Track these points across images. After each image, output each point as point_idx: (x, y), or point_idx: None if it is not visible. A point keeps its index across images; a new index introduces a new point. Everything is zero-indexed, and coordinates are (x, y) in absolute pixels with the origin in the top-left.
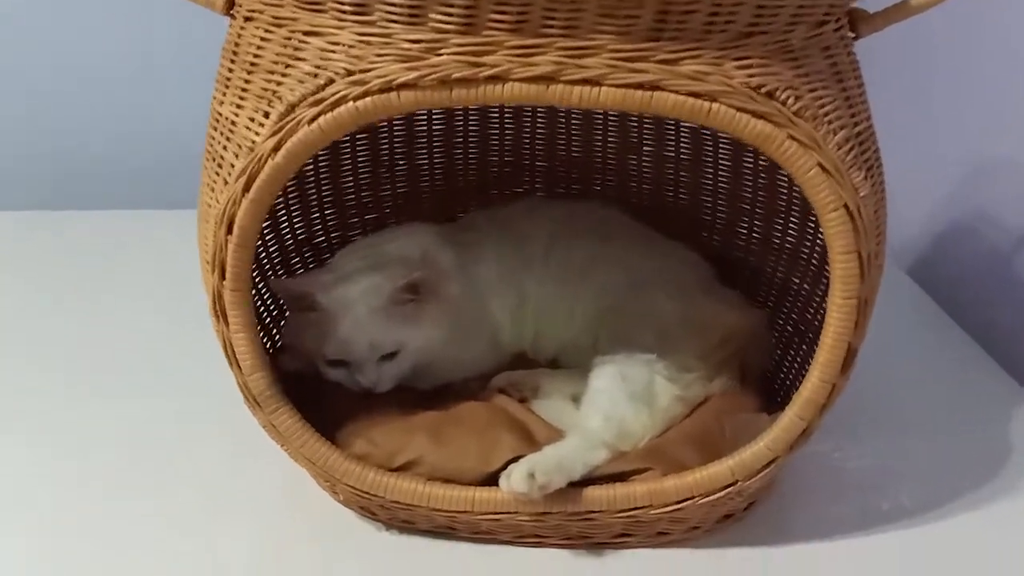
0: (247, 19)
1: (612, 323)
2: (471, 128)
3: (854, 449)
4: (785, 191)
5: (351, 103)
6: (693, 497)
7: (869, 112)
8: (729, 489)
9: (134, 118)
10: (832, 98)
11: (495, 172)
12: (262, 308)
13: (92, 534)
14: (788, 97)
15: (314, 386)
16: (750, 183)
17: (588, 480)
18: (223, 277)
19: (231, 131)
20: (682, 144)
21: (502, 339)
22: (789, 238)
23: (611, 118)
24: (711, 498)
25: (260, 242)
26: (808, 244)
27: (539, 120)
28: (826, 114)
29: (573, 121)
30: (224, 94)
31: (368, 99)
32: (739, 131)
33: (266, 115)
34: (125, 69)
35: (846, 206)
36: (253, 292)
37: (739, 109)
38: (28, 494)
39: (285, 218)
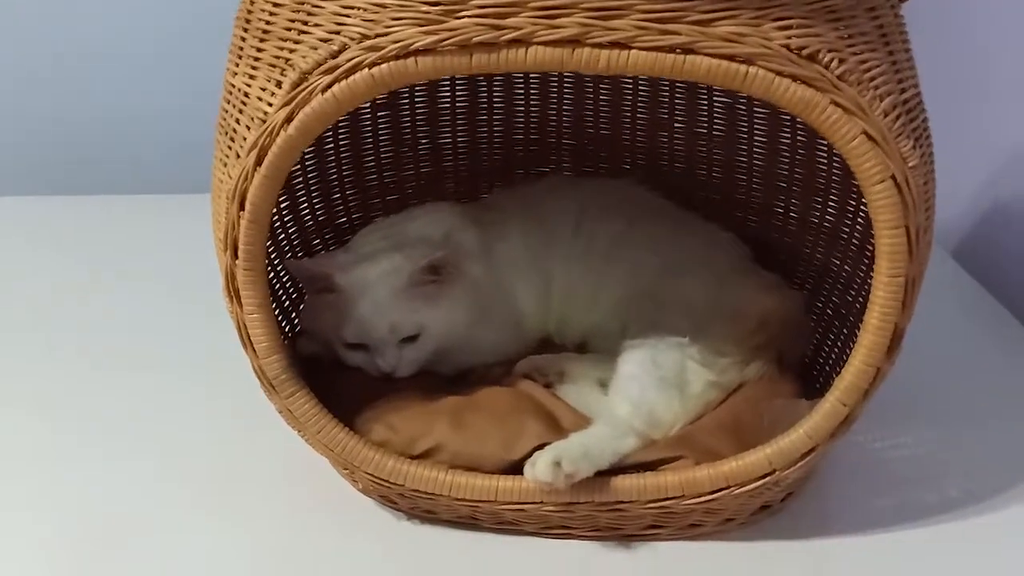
0: None
1: (641, 307)
2: (496, 104)
3: (897, 439)
4: (824, 167)
5: (366, 70)
6: (728, 487)
7: (917, 79)
8: (766, 479)
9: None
10: (878, 62)
11: (520, 151)
12: (280, 291)
13: (113, 518)
14: (831, 60)
15: (333, 371)
16: (787, 160)
17: (617, 469)
18: (236, 256)
19: (243, 103)
20: (715, 120)
21: (526, 323)
22: (828, 217)
23: (641, 91)
24: (747, 488)
25: (279, 222)
26: (848, 223)
27: (566, 95)
28: (872, 79)
29: (601, 96)
30: (237, 64)
31: (384, 66)
32: (778, 97)
33: (279, 84)
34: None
35: (893, 177)
36: (271, 274)
37: (778, 73)
38: (56, 480)
39: (304, 198)
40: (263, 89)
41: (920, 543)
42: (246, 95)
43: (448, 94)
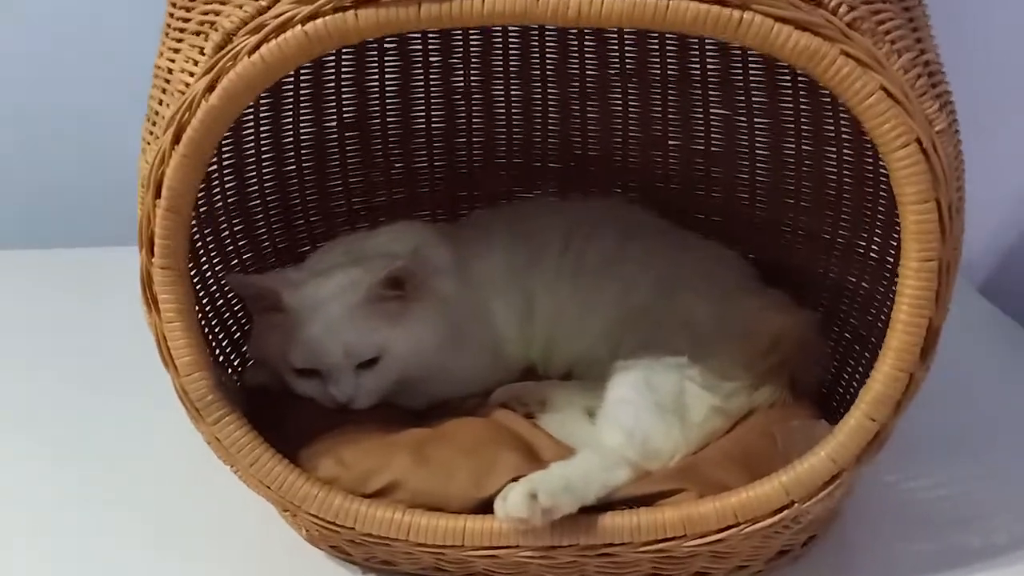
0: None
1: (636, 328)
2: (475, 122)
3: (933, 477)
4: (835, 177)
5: (299, 27)
6: (738, 524)
7: (935, 42)
8: (783, 514)
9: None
10: (892, 15)
11: (503, 174)
12: (231, 320)
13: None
14: (839, 5)
15: (281, 404)
16: (793, 173)
17: (606, 506)
18: (152, 253)
19: (167, 80)
20: (712, 135)
21: (506, 350)
22: (842, 231)
23: (631, 107)
24: (760, 526)
25: (233, 247)
26: (865, 236)
27: (550, 115)
28: (887, 32)
29: (589, 113)
30: (163, 43)
31: (319, 21)
32: (777, 48)
33: (202, 52)
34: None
35: (919, 141)
36: (222, 303)
37: (777, 19)
38: None
39: (263, 223)
40: (187, 60)
41: None
42: (169, 71)
43: (423, 109)
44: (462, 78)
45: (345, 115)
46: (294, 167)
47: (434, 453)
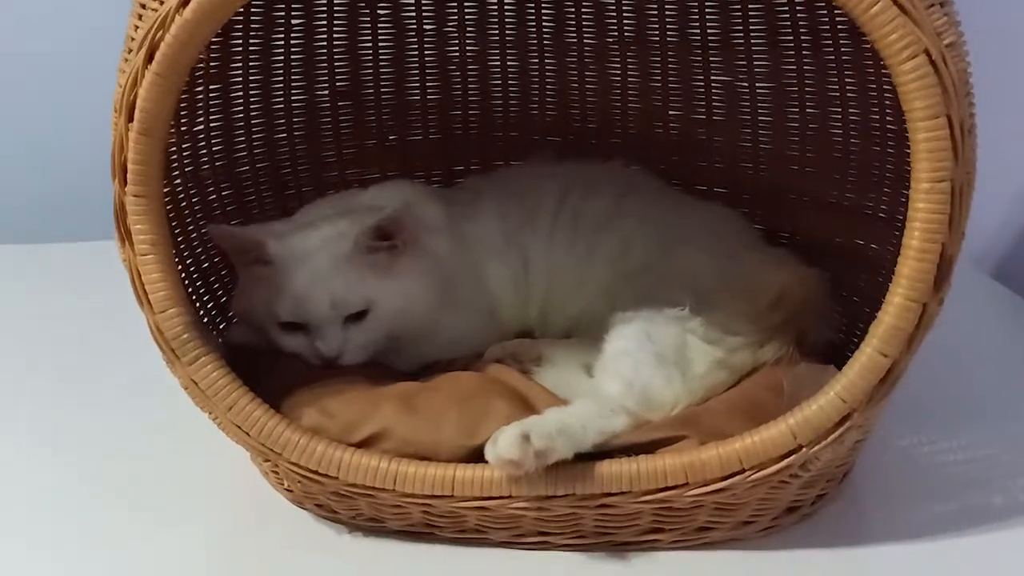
0: None
1: (636, 285)
2: (470, 96)
3: (948, 442)
4: (840, 139)
5: None
6: (743, 471)
7: None
8: (790, 459)
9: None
10: None
11: (499, 147)
12: (216, 283)
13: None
14: None
15: (264, 360)
16: (797, 138)
17: (603, 453)
18: (125, 182)
19: (142, 5)
20: (714, 101)
21: (501, 312)
22: (848, 195)
23: (630, 75)
24: (766, 472)
25: (222, 215)
26: (872, 198)
27: (548, 86)
28: None
29: (587, 83)
30: None
31: None
32: None
33: None
34: None
35: (927, 53)
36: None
37: None
38: None
39: (253, 192)
40: None
41: (990, 550)
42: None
43: (417, 82)
44: (457, 48)
45: (338, 83)
46: (285, 136)
47: (423, 402)
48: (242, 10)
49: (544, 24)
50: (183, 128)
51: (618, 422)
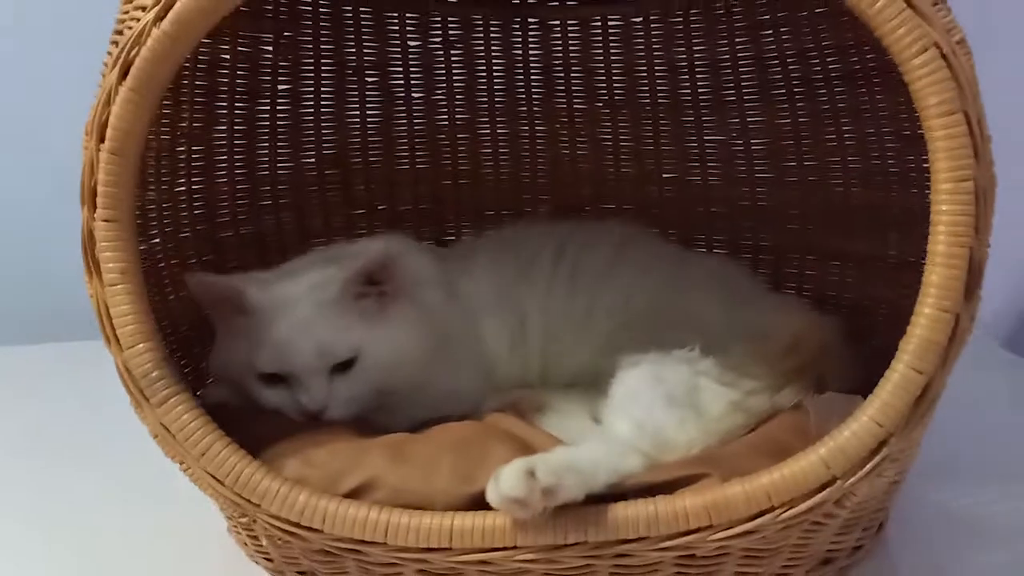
0: None
1: (639, 332)
2: (460, 165)
3: (983, 495)
4: (841, 188)
5: None
6: (772, 509)
7: None
8: (824, 493)
9: None
10: None
11: (491, 220)
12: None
13: None
14: None
15: (242, 418)
16: (797, 191)
17: (617, 495)
18: (94, 206)
19: (119, 32)
20: (708, 161)
21: (499, 370)
22: (855, 244)
23: (622, 141)
24: (799, 509)
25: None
26: (880, 245)
27: (539, 154)
28: None
29: (579, 150)
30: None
31: None
32: None
33: None
34: None
35: (937, 46)
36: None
37: None
38: None
39: (235, 259)
40: (139, 7)
41: None
42: (121, 23)
43: (407, 151)
44: (446, 115)
45: (325, 150)
46: (270, 202)
47: (414, 450)
48: (227, 71)
49: (533, 90)
50: (163, 188)
51: (632, 462)
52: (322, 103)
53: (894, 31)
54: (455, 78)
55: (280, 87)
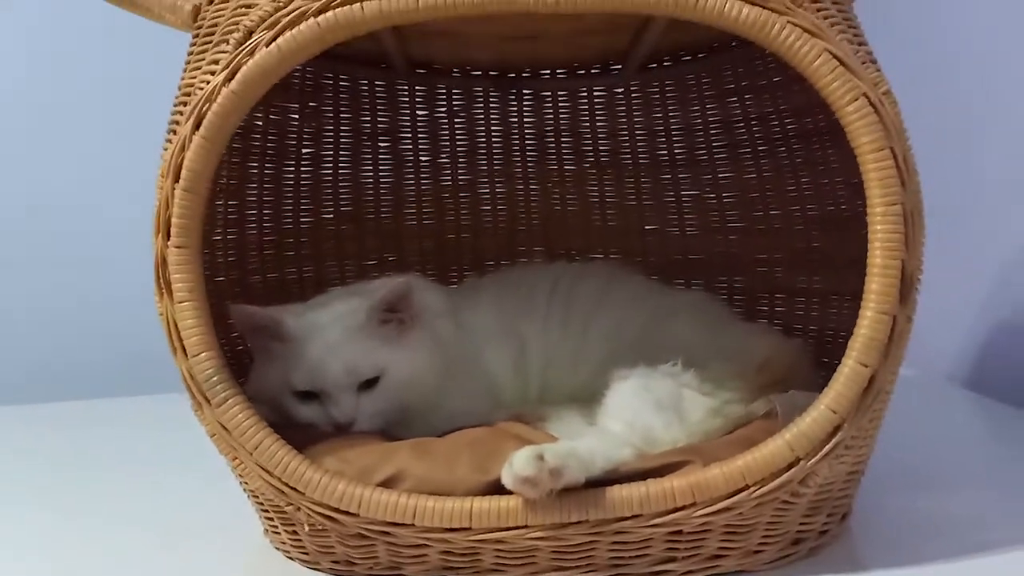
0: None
1: (630, 356)
2: (463, 220)
3: (944, 500)
4: (802, 231)
5: (312, 19)
6: (747, 487)
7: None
8: (791, 472)
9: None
10: (829, 11)
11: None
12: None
13: None
14: None
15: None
16: (764, 239)
17: (614, 480)
18: (168, 236)
19: (188, 94)
20: (685, 213)
21: (503, 393)
22: (815, 282)
23: (608, 197)
24: (770, 487)
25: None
26: (838, 283)
27: (533, 210)
28: (826, 16)
29: (569, 206)
30: (184, 71)
31: (329, 14)
32: (731, 22)
33: (224, 52)
34: None
35: (866, 96)
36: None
37: None
38: None
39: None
40: (210, 64)
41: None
42: (190, 85)
43: (414, 208)
44: (450, 177)
45: (342, 207)
46: (293, 253)
47: (435, 447)
48: (259, 136)
49: (528, 153)
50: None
51: (625, 452)
52: (340, 165)
53: (829, 84)
54: (458, 143)
55: (304, 150)
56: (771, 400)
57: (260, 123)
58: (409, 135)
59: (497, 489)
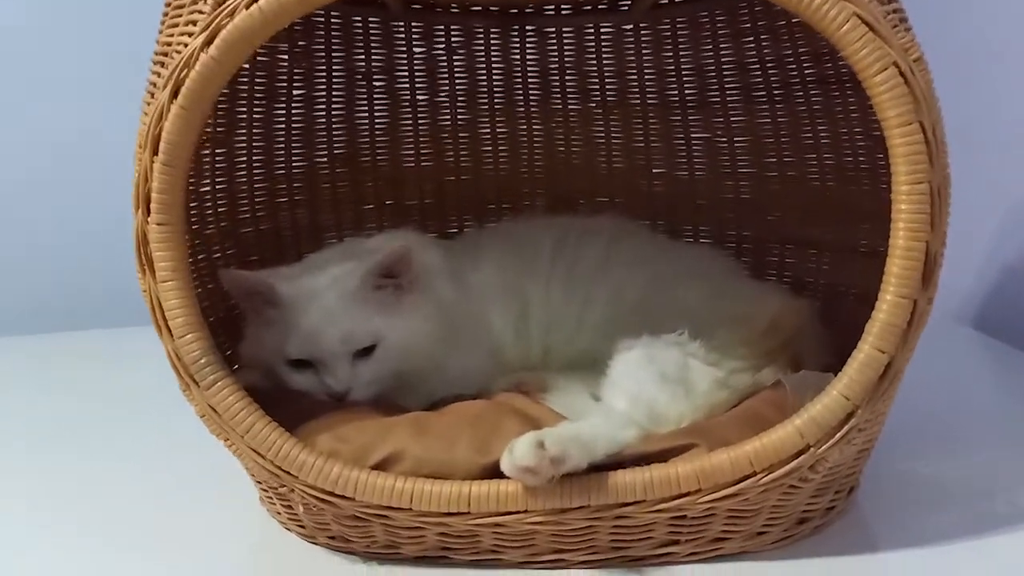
0: None
1: (633, 321)
2: (462, 162)
3: (950, 463)
4: (817, 181)
5: None
6: (754, 474)
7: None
8: (800, 459)
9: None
10: None
11: (492, 213)
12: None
13: None
14: None
15: (273, 400)
16: (777, 185)
17: (616, 464)
18: (148, 212)
19: (165, 54)
20: (695, 157)
21: (504, 353)
22: (828, 234)
23: (614, 138)
24: (778, 474)
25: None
26: (851, 236)
27: (536, 152)
28: None
29: (573, 147)
30: (160, 30)
31: None
32: None
33: (200, 12)
34: None
35: (896, 65)
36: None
37: None
38: None
39: (256, 253)
40: (186, 25)
41: (996, 553)
42: (167, 45)
43: (412, 149)
44: (449, 117)
45: (336, 150)
46: (286, 199)
47: (434, 425)
48: (246, 79)
49: (531, 93)
50: (191, 189)
51: (628, 434)
52: (333, 106)
53: (857, 52)
54: (457, 82)
55: (295, 92)
56: (780, 377)
57: (247, 65)
58: (406, 74)
59: (497, 471)
